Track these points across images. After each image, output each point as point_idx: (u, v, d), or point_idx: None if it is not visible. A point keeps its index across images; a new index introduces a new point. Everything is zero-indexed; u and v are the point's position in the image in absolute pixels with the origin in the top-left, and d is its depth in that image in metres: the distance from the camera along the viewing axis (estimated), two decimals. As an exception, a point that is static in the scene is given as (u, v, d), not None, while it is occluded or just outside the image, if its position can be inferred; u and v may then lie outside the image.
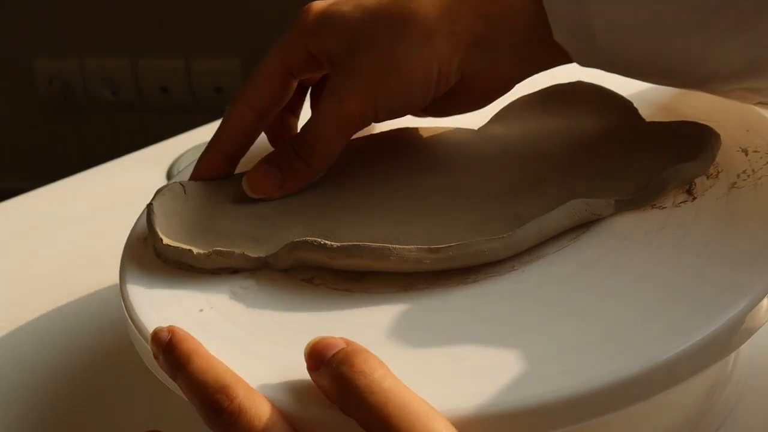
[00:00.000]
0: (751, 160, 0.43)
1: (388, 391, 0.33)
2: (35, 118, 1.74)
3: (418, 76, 0.43)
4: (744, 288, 0.37)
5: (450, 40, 0.43)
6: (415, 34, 0.42)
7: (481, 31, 0.43)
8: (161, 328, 0.38)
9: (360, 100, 0.44)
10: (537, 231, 0.40)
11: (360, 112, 0.44)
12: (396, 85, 0.43)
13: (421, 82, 0.43)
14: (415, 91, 0.44)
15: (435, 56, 0.43)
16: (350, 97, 0.44)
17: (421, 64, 0.43)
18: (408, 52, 0.43)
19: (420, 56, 0.43)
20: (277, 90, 0.46)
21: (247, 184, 0.45)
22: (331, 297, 0.40)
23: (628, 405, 0.35)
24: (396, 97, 0.44)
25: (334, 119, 0.44)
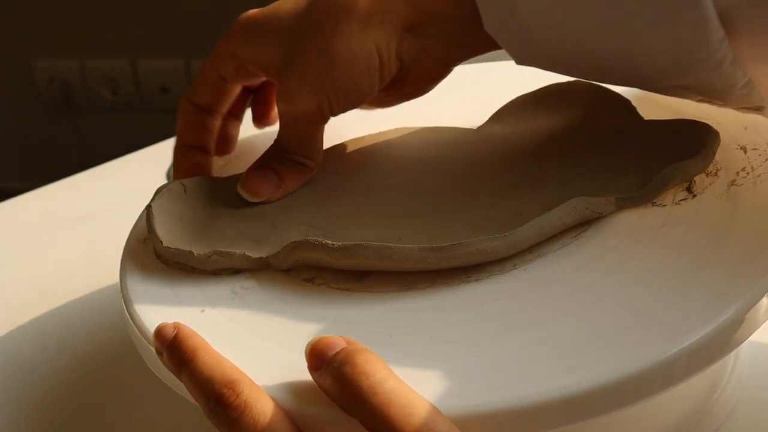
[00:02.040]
0: (750, 157, 0.43)
1: (391, 391, 0.33)
2: (35, 118, 1.74)
3: (362, 64, 0.43)
4: (744, 286, 0.37)
5: (384, 28, 0.43)
6: (350, 25, 0.43)
7: (410, 17, 0.43)
8: (165, 325, 0.38)
9: (311, 100, 0.44)
10: (538, 229, 0.40)
11: (316, 109, 0.44)
12: (342, 77, 0.44)
13: (365, 70, 0.44)
14: (362, 81, 0.44)
15: (373, 43, 0.43)
16: (300, 99, 0.44)
17: (363, 53, 0.43)
18: (347, 43, 0.43)
19: (359, 45, 0.43)
20: (213, 94, 0.48)
21: (245, 190, 0.46)
22: (333, 297, 0.40)
23: (629, 404, 0.35)
24: (345, 90, 0.44)
25: (295, 123, 0.45)
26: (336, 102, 0.44)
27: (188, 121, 0.49)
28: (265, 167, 0.46)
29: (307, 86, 0.44)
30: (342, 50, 0.43)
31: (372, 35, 0.43)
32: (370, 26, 0.43)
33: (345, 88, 0.44)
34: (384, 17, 0.43)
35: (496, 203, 0.43)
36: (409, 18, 0.43)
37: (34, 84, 1.70)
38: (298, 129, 0.45)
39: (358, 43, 0.43)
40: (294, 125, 0.45)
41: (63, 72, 1.68)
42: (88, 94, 1.68)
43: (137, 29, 1.59)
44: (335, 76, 0.43)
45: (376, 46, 0.43)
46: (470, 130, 0.50)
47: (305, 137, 0.46)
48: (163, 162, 0.73)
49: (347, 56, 0.43)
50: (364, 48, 0.43)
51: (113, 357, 0.53)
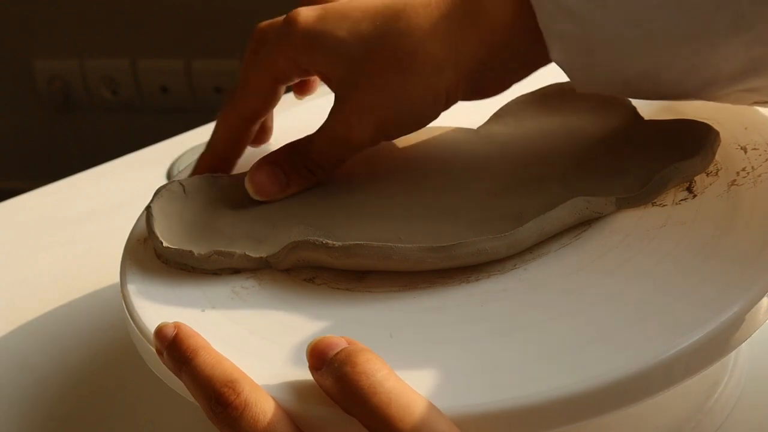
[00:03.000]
0: (750, 157, 0.43)
1: (391, 391, 0.33)
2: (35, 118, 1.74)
3: (428, 106, 0.43)
4: (744, 286, 0.37)
5: (456, 70, 0.42)
6: (421, 68, 0.42)
7: (484, 58, 0.43)
8: (166, 324, 0.38)
9: (370, 132, 0.44)
10: (538, 229, 0.40)
11: (370, 140, 0.44)
12: (406, 116, 0.44)
13: (430, 110, 0.44)
14: (425, 118, 0.44)
15: (443, 86, 0.43)
16: (360, 129, 0.44)
17: (430, 96, 0.43)
18: (416, 85, 0.43)
19: (429, 88, 0.43)
20: (266, 99, 0.47)
21: (251, 185, 0.45)
22: (333, 296, 0.40)
23: (629, 404, 0.35)
24: (405, 125, 0.44)
25: (342, 145, 0.45)
26: (395, 132, 0.45)
27: (232, 134, 0.47)
28: (276, 167, 0.46)
29: (369, 119, 0.44)
30: (411, 92, 0.43)
31: (443, 77, 0.42)
32: (443, 68, 0.42)
33: (405, 125, 0.44)
34: (458, 58, 0.42)
35: (496, 203, 0.43)
36: (483, 59, 0.42)
37: (34, 84, 1.70)
38: (340, 149, 0.45)
39: (427, 85, 0.42)
40: (338, 145, 0.45)
41: (63, 72, 1.68)
42: (88, 94, 1.68)
43: (137, 29, 1.59)
44: (399, 115, 0.43)
45: (445, 87, 0.43)
46: (470, 130, 0.50)
47: (341, 155, 0.46)
48: (163, 162, 0.73)
49: (414, 98, 0.43)
50: (432, 91, 0.43)
51: (113, 357, 0.53)
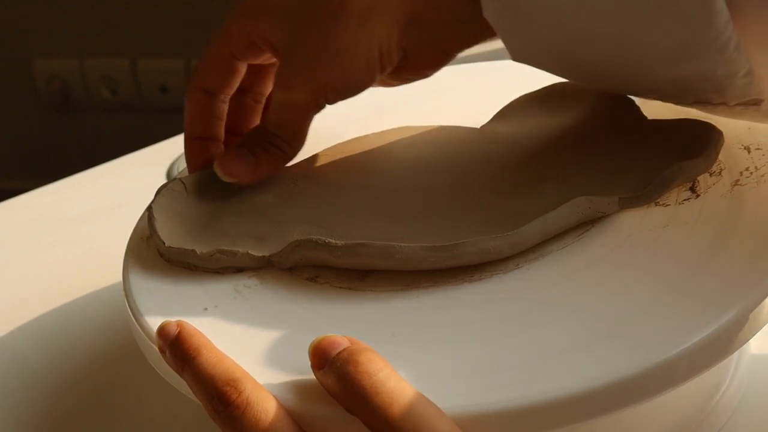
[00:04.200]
0: (754, 157, 0.43)
1: (393, 391, 0.33)
2: (34, 118, 1.74)
3: (361, 59, 0.43)
4: (748, 286, 0.37)
5: (384, 21, 0.43)
6: (350, 20, 0.43)
7: (413, 9, 0.43)
8: (168, 322, 0.38)
9: (308, 90, 0.44)
10: (541, 229, 0.40)
11: (311, 100, 0.45)
12: (340, 71, 0.44)
13: (364, 65, 0.44)
14: (361, 74, 0.44)
15: (374, 38, 0.43)
16: (298, 87, 0.44)
17: (362, 48, 0.43)
18: (347, 37, 0.43)
19: (359, 41, 0.43)
20: (223, 74, 0.47)
21: (220, 168, 0.46)
22: (335, 295, 0.40)
23: (632, 404, 0.35)
24: (343, 82, 0.44)
25: (288, 109, 0.45)
26: (332, 93, 0.44)
27: (198, 109, 0.48)
28: (243, 148, 0.46)
29: (304, 77, 0.44)
30: (340, 45, 0.43)
31: (372, 30, 0.43)
32: (370, 20, 0.43)
33: (342, 81, 0.44)
34: (385, 11, 0.43)
35: (499, 202, 0.43)
36: (410, 10, 0.43)
37: (34, 84, 1.70)
38: (288, 114, 0.45)
39: (357, 37, 0.43)
40: (285, 110, 0.45)
41: (62, 72, 1.68)
42: (88, 93, 1.68)
43: (137, 29, 1.59)
44: (332, 69, 0.44)
45: (376, 40, 0.43)
46: (473, 129, 0.50)
47: (293, 123, 0.46)
48: (163, 162, 0.73)
49: (345, 51, 0.43)
50: (362, 43, 0.43)
51: (113, 357, 0.53)
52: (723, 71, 0.40)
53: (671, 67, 0.41)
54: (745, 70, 0.40)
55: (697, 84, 0.42)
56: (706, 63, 0.40)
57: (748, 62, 0.39)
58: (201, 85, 0.47)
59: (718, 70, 0.40)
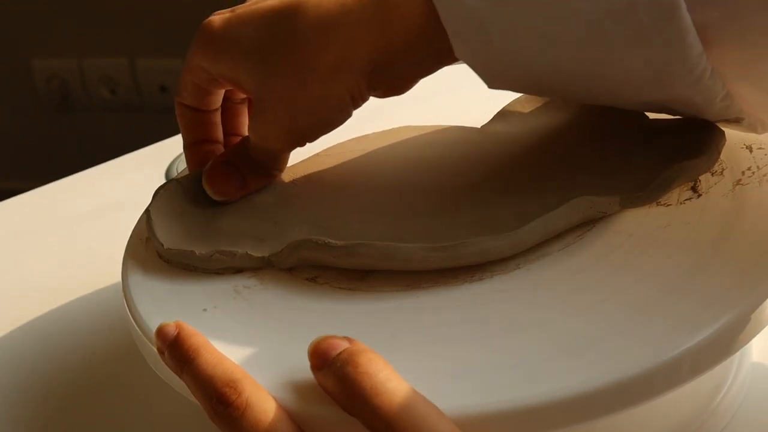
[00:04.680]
0: (756, 156, 0.43)
1: (393, 392, 0.33)
2: (33, 118, 1.74)
3: (333, 106, 0.44)
4: (749, 286, 0.36)
5: (353, 73, 0.43)
6: (319, 77, 0.43)
7: (380, 57, 0.43)
8: (167, 324, 0.38)
9: (284, 140, 0.45)
10: (542, 229, 0.40)
11: (287, 146, 0.46)
12: (314, 119, 0.44)
13: (336, 110, 0.44)
14: (334, 117, 0.45)
15: (344, 88, 0.43)
16: (274, 139, 0.45)
17: (334, 98, 0.43)
18: (317, 91, 0.43)
19: (330, 92, 0.43)
20: (198, 97, 0.47)
21: (209, 186, 0.46)
22: (335, 296, 0.40)
23: (633, 404, 0.34)
24: (317, 128, 0.45)
25: (268, 152, 0.46)
26: (308, 138, 0.45)
27: (186, 121, 0.49)
28: (231, 166, 0.46)
29: (278, 130, 0.45)
30: (312, 100, 0.43)
31: (341, 82, 0.43)
32: (338, 75, 0.43)
33: (317, 126, 0.45)
34: (351, 66, 0.43)
35: (500, 202, 0.43)
36: (377, 59, 0.43)
37: (33, 83, 1.70)
38: (267, 156, 0.46)
39: (327, 90, 0.43)
40: (263, 153, 0.46)
41: (61, 71, 1.68)
42: (87, 93, 1.69)
43: (136, 28, 1.59)
44: (306, 119, 0.44)
45: (347, 89, 0.43)
46: (474, 129, 0.50)
47: (274, 161, 0.46)
48: (162, 162, 0.73)
49: (317, 103, 0.43)
50: (334, 93, 0.43)
51: (112, 357, 0.53)
52: (700, 98, 0.40)
53: (649, 93, 0.41)
54: (722, 94, 0.40)
55: (675, 106, 0.42)
56: (682, 91, 0.40)
57: (725, 87, 0.39)
58: (184, 101, 0.48)
59: (694, 97, 0.40)
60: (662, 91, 0.40)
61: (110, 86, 1.67)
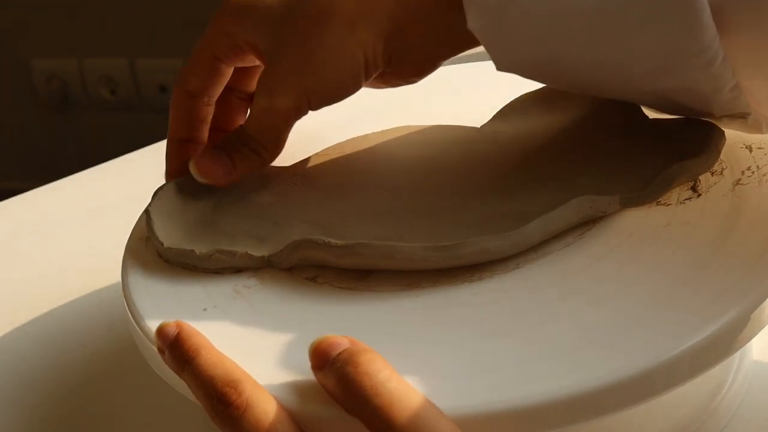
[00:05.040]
0: (756, 156, 0.43)
1: (394, 392, 0.33)
2: (33, 118, 1.74)
3: (345, 67, 0.43)
4: (749, 285, 0.36)
5: (370, 29, 0.43)
6: (336, 27, 0.43)
7: (398, 16, 0.43)
8: (167, 323, 0.38)
9: (291, 96, 0.44)
10: (542, 228, 0.40)
11: (293, 106, 0.44)
12: (325, 78, 0.44)
13: (349, 73, 0.44)
14: (345, 81, 0.44)
15: (359, 46, 0.43)
16: (281, 93, 0.44)
17: (347, 56, 0.43)
18: (332, 45, 0.43)
19: (344, 48, 0.43)
20: (207, 76, 0.47)
21: (196, 169, 0.45)
22: (335, 295, 0.40)
23: (633, 404, 0.34)
24: (327, 89, 0.44)
25: (269, 114, 0.45)
26: (315, 99, 0.44)
27: (182, 111, 0.48)
28: (220, 150, 0.46)
29: (288, 83, 0.44)
30: (325, 52, 0.43)
31: (357, 37, 0.43)
32: (356, 28, 0.43)
33: (326, 87, 0.44)
34: (370, 18, 0.43)
35: (500, 202, 0.43)
36: (396, 18, 0.43)
37: (32, 83, 1.70)
38: (269, 119, 0.45)
39: (342, 45, 0.43)
40: (267, 115, 0.45)
41: (61, 71, 1.68)
42: (87, 93, 1.69)
43: (135, 28, 1.59)
44: (317, 76, 0.44)
45: (361, 48, 0.43)
46: (474, 129, 0.50)
47: (274, 129, 0.45)
48: (162, 161, 0.73)
49: (330, 58, 0.43)
50: (348, 50, 0.43)
51: (112, 357, 0.53)
52: (709, 86, 0.40)
53: (659, 79, 0.41)
54: (731, 84, 0.40)
55: (681, 97, 0.41)
56: (692, 77, 0.40)
57: (734, 77, 0.39)
58: (185, 88, 0.47)
59: (703, 84, 0.40)
60: (671, 77, 0.40)
61: (110, 86, 1.67)
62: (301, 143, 0.51)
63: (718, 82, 0.39)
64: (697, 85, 0.40)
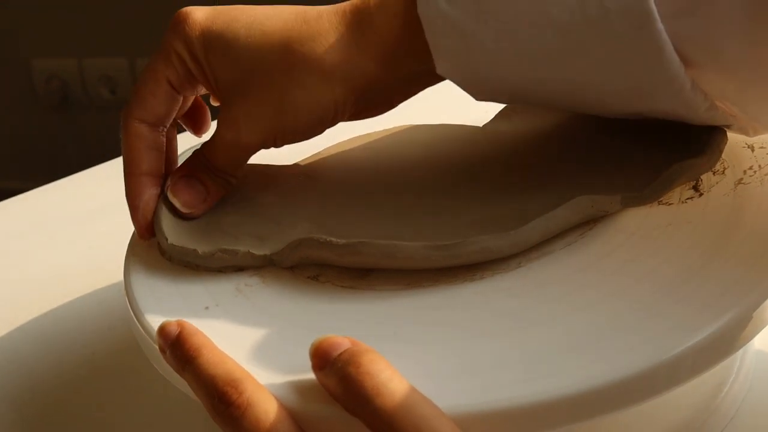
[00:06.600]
0: (758, 156, 0.43)
1: (395, 392, 0.33)
2: (33, 118, 1.74)
3: (316, 114, 0.44)
4: (751, 284, 0.36)
5: (345, 85, 0.43)
6: (310, 81, 0.43)
7: (372, 73, 0.43)
8: (169, 322, 0.38)
9: (259, 134, 0.44)
10: (543, 228, 0.40)
11: (260, 143, 0.44)
12: (296, 122, 0.44)
13: (318, 120, 0.44)
14: (313, 127, 0.44)
15: (331, 100, 0.43)
16: (248, 131, 0.44)
17: (318, 107, 0.43)
18: (304, 98, 0.43)
19: (316, 100, 0.43)
20: (164, 103, 0.45)
21: (177, 198, 0.45)
22: (337, 294, 0.40)
23: (634, 403, 0.34)
24: (294, 131, 0.44)
25: (235, 149, 0.45)
26: (281, 139, 0.44)
27: (140, 144, 0.45)
28: (193, 179, 0.45)
29: (256, 121, 0.44)
30: (297, 100, 0.43)
31: (331, 91, 0.43)
32: (332, 81, 0.43)
33: (294, 130, 0.44)
34: (346, 75, 0.43)
35: (501, 201, 0.43)
36: (370, 75, 0.43)
37: (32, 83, 1.70)
38: (235, 153, 0.45)
39: (314, 96, 0.43)
40: (231, 150, 0.45)
41: (61, 71, 1.68)
42: (87, 93, 1.69)
43: (135, 28, 1.59)
44: (287, 119, 0.43)
45: (333, 101, 0.43)
46: (476, 128, 0.50)
47: (237, 160, 0.45)
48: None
49: (303, 104, 0.43)
50: (319, 102, 0.43)
51: (113, 357, 0.53)
52: (682, 109, 0.40)
53: (629, 106, 0.41)
54: (706, 106, 0.40)
55: (661, 117, 0.42)
56: (663, 104, 0.40)
57: (707, 100, 0.40)
58: (140, 117, 0.45)
59: (677, 108, 0.40)
60: (645, 103, 0.40)
61: (110, 86, 1.67)
62: (302, 143, 0.51)
63: (692, 105, 0.40)
64: (671, 108, 0.40)
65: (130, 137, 0.45)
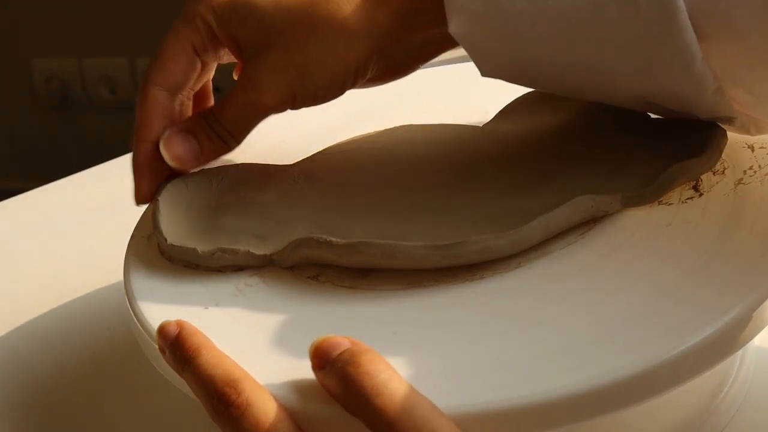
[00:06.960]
0: (758, 156, 0.43)
1: (395, 392, 0.33)
2: (33, 118, 1.74)
3: (337, 74, 0.44)
4: (751, 284, 0.36)
5: (367, 43, 0.43)
6: (333, 38, 0.43)
7: (394, 30, 0.43)
8: (168, 322, 0.38)
9: (279, 94, 0.44)
10: (544, 227, 0.40)
11: (279, 103, 0.44)
12: (315, 82, 0.44)
13: (339, 81, 0.44)
14: (333, 87, 0.44)
15: (353, 57, 0.43)
16: (269, 90, 0.44)
17: (340, 67, 0.43)
18: (327, 54, 0.43)
19: (339, 59, 0.43)
20: (185, 69, 0.45)
21: (167, 153, 0.45)
22: (337, 294, 0.40)
23: (634, 403, 0.34)
24: (314, 92, 0.44)
25: (251, 109, 0.44)
26: (300, 100, 0.44)
27: (156, 110, 0.45)
28: (189, 134, 0.45)
29: (278, 82, 0.44)
30: (320, 60, 0.43)
31: (352, 48, 0.43)
32: (353, 40, 0.43)
33: (314, 90, 0.44)
34: (368, 32, 0.43)
35: (502, 201, 0.43)
36: (390, 34, 0.43)
37: (32, 83, 1.70)
38: (249, 114, 0.45)
39: (336, 53, 0.43)
40: (247, 110, 0.44)
41: (61, 71, 1.68)
42: (87, 93, 1.69)
43: (135, 28, 1.59)
44: (308, 81, 0.44)
45: (355, 60, 0.43)
46: (476, 128, 0.50)
47: (249, 121, 0.45)
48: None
49: (323, 63, 0.43)
50: (341, 59, 0.43)
51: (113, 357, 0.53)
52: (690, 88, 0.40)
53: (636, 82, 0.41)
54: (713, 88, 0.40)
55: (665, 101, 0.42)
56: (671, 80, 0.40)
57: (716, 81, 0.39)
58: (159, 83, 0.45)
59: (685, 87, 0.40)
60: (652, 79, 0.40)
61: (110, 86, 1.67)
62: (302, 142, 0.51)
63: (700, 84, 0.40)
64: (679, 87, 0.40)
65: (147, 102, 0.45)
